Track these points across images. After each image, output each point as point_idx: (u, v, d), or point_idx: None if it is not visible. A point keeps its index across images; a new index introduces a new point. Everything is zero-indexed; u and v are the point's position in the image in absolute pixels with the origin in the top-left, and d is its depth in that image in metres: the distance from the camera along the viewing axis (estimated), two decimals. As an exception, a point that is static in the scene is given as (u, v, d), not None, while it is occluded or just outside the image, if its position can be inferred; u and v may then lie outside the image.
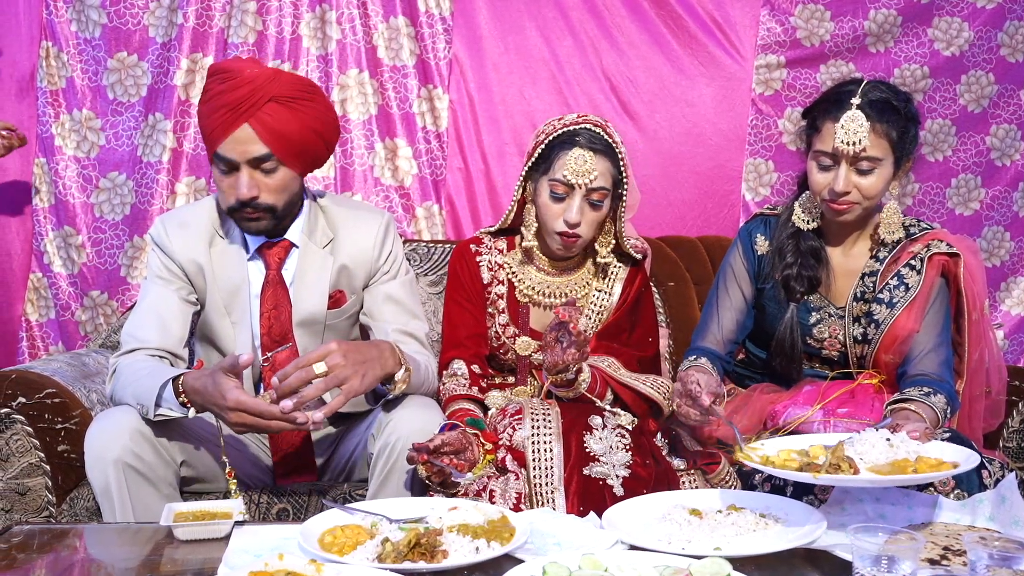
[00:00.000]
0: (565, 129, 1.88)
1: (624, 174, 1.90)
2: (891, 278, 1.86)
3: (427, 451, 1.59)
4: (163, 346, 1.78)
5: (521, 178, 1.97)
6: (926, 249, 1.86)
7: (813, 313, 1.91)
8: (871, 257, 1.91)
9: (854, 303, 1.90)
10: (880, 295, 1.87)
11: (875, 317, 1.86)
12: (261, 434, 1.64)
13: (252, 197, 1.75)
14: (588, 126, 1.88)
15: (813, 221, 1.89)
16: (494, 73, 2.77)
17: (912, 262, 1.86)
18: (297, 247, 1.89)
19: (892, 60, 2.79)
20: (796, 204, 1.91)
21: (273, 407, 1.52)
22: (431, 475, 1.62)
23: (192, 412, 1.61)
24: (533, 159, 1.92)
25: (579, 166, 1.84)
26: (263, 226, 1.82)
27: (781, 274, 1.90)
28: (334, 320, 1.92)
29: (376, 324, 1.92)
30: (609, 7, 2.76)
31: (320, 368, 1.54)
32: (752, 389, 1.97)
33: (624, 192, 1.92)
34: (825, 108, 1.79)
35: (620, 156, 1.89)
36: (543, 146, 1.90)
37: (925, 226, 1.92)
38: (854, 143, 1.73)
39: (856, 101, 1.74)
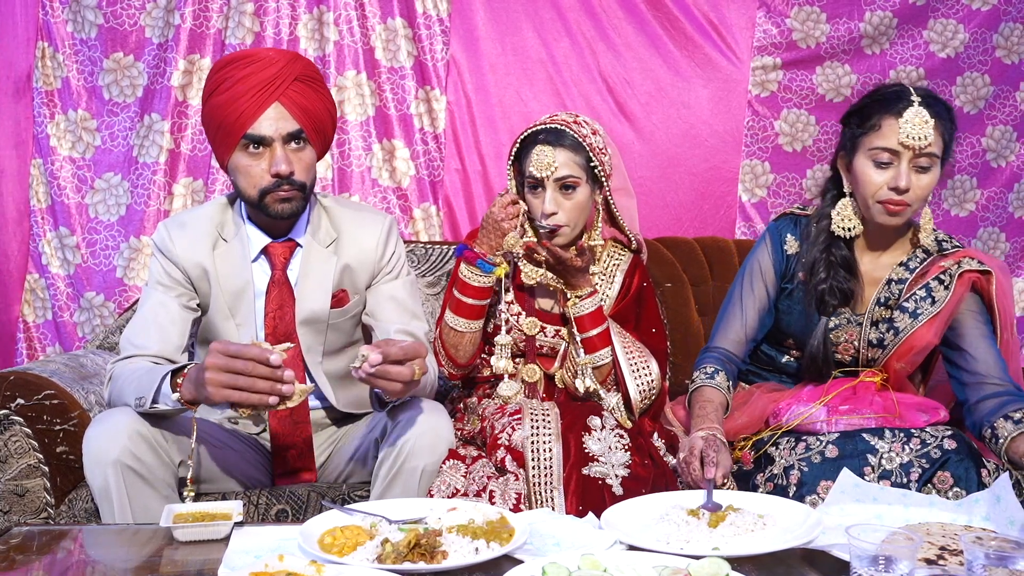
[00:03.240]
0: (529, 131, 1.98)
1: (596, 161, 1.94)
2: (918, 289, 1.85)
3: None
4: (162, 353, 1.78)
5: (509, 179, 2.04)
6: (957, 266, 1.84)
7: (832, 319, 1.90)
8: (900, 264, 1.89)
9: (876, 307, 1.88)
10: (905, 303, 1.85)
11: (896, 324, 1.86)
12: (237, 395, 1.46)
13: (291, 171, 1.78)
14: (552, 125, 1.95)
15: (855, 228, 1.85)
16: (491, 74, 2.78)
17: (941, 276, 1.85)
18: (301, 247, 1.90)
19: (888, 62, 2.81)
20: (833, 212, 1.87)
21: (256, 350, 1.44)
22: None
23: (176, 395, 1.58)
24: (510, 164, 2.02)
25: (540, 160, 1.92)
26: (295, 207, 1.82)
27: (815, 289, 1.88)
28: (337, 320, 1.92)
29: (378, 324, 1.93)
30: (606, 9, 2.77)
31: (418, 375, 1.54)
32: (756, 387, 1.97)
33: (603, 176, 1.96)
34: (882, 105, 1.77)
35: (588, 146, 1.93)
36: (515, 150, 2.00)
37: (957, 244, 1.90)
38: (921, 137, 1.71)
39: (917, 98, 1.74)
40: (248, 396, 1.45)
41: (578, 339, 1.93)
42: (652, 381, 1.93)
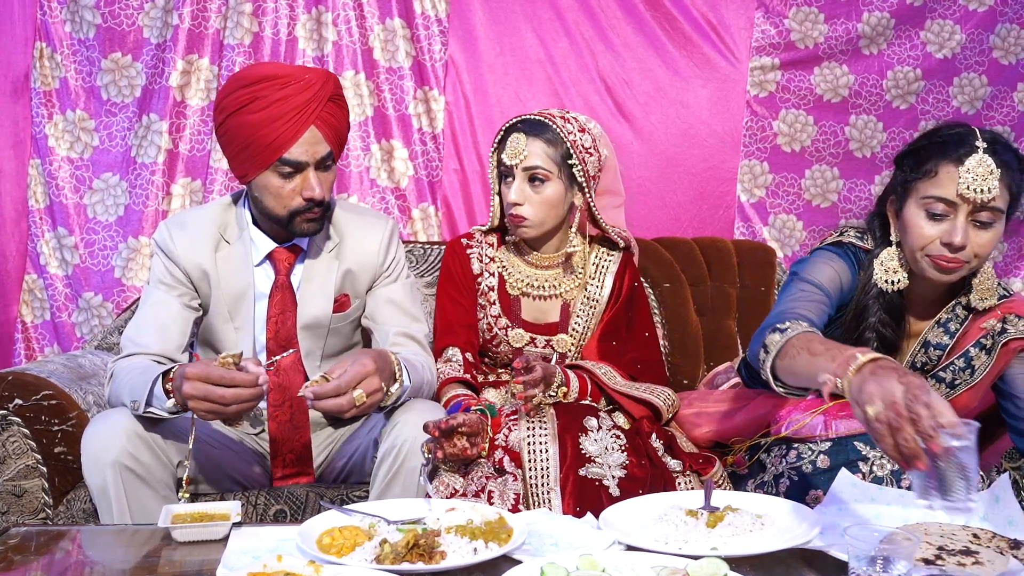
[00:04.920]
0: (511, 121, 1.98)
1: (576, 159, 1.93)
2: (958, 358, 1.71)
3: (441, 430, 1.61)
4: (163, 352, 1.78)
5: (491, 172, 2.04)
6: (1001, 327, 1.68)
7: None
8: (939, 324, 1.72)
9: (911, 370, 1.74)
10: (942, 373, 1.72)
11: None
12: (223, 417, 1.56)
13: (322, 197, 1.78)
14: (535, 117, 1.95)
15: (901, 280, 1.67)
16: (490, 75, 2.78)
17: (983, 340, 1.69)
18: (304, 251, 1.90)
19: (885, 62, 2.81)
20: (877, 262, 1.69)
21: (235, 373, 1.51)
22: (444, 455, 1.63)
23: (171, 403, 1.60)
24: (492, 153, 2.02)
25: (512, 148, 1.93)
26: (319, 226, 1.84)
27: (861, 335, 1.71)
28: (338, 324, 1.93)
29: (377, 327, 1.93)
30: (604, 9, 2.77)
31: (361, 399, 1.55)
32: (757, 392, 1.96)
33: (581, 176, 1.94)
34: (941, 148, 1.58)
35: (570, 142, 1.92)
36: (497, 140, 2.00)
37: (1003, 291, 1.72)
38: (983, 190, 1.52)
39: (982, 145, 1.54)
40: (235, 411, 1.53)
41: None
42: (670, 395, 1.94)
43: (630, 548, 1.33)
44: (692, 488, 1.75)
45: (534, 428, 1.72)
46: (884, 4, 2.77)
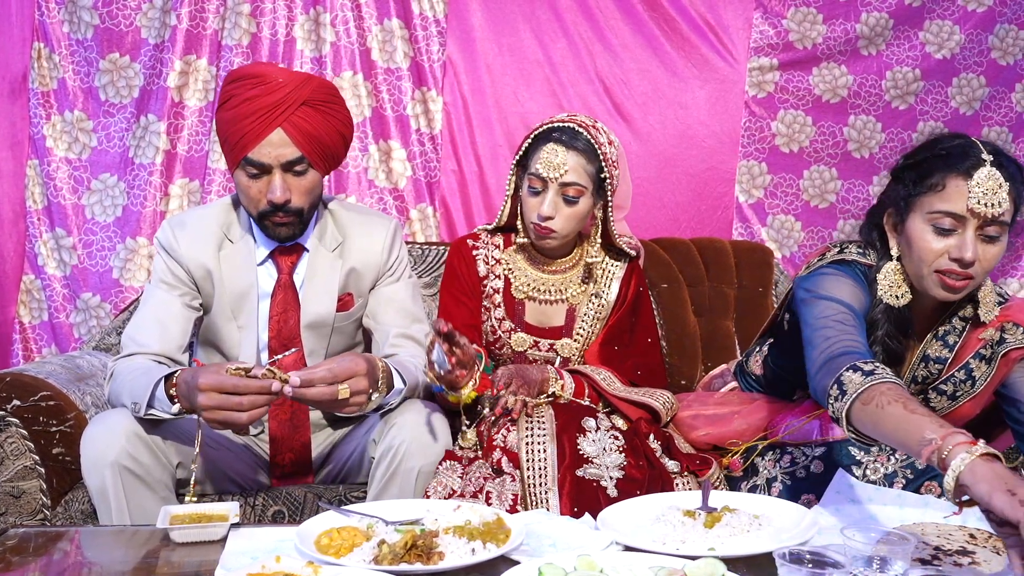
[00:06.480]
0: (546, 126, 1.93)
1: (607, 173, 1.91)
2: (958, 370, 1.70)
3: (447, 331, 1.60)
4: (163, 351, 1.78)
5: (511, 175, 2.01)
6: (1000, 336, 1.67)
7: None
8: (937, 337, 1.71)
9: (911, 384, 1.73)
10: (943, 386, 1.71)
11: (932, 404, 1.73)
12: (235, 428, 1.54)
13: (286, 200, 1.77)
14: (570, 124, 1.91)
15: (905, 296, 1.63)
16: (488, 75, 2.78)
17: (983, 351, 1.68)
18: (308, 251, 1.90)
19: (884, 63, 2.81)
20: (880, 276, 1.65)
21: (249, 381, 1.47)
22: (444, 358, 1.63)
23: (176, 408, 1.59)
24: (518, 156, 1.97)
25: (550, 160, 1.87)
26: (291, 231, 1.83)
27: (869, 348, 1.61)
28: (341, 323, 1.93)
29: (378, 327, 1.93)
30: (603, 9, 2.78)
31: (345, 394, 1.53)
32: (753, 397, 1.95)
33: (609, 190, 1.93)
34: (946, 161, 1.55)
35: (602, 155, 1.90)
36: (527, 143, 1.95)
37: (999, 297, 1.71)
38: (994, 204, 1.49)
39: (988, 157, 1.51)
40: (247, 419, 1.50)
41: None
42: (669, 398, 1.94)
43: (628, 548, 1.33)
44: (690, 489, 1.75)
45: (532, 428, 1.73)
46: (883, 4, 2.77)
